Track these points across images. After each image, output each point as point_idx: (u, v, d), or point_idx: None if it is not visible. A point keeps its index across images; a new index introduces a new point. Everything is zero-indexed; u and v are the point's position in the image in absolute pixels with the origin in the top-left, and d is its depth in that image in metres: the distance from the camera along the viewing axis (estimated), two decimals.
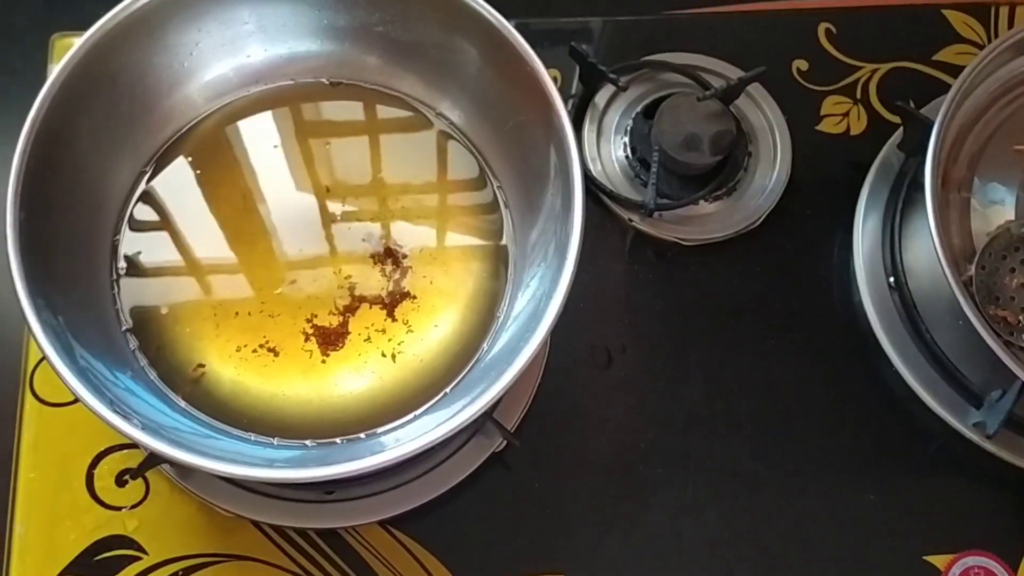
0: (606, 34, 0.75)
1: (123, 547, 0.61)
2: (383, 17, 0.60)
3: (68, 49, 0.66)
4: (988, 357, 0.59)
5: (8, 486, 0.62)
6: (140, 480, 0.62)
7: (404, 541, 0.62)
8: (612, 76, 0.69)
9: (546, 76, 0.54)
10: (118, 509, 0.61)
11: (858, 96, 0.75)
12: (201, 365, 0.56)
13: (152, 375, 0.57)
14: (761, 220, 0.70)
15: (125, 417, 0.49)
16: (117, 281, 0.58)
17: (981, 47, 0.77)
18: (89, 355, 0.52)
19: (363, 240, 0.59)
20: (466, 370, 0.57)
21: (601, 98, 0.73)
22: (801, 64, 0.76)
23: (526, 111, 0.57)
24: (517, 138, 0.59)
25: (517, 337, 0.54)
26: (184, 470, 0.60)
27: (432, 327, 0.58)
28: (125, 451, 0.63)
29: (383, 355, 0.57)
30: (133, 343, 0.57)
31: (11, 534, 0.61)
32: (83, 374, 0.49)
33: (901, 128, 0.71)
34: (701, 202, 0.70)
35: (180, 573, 0.60)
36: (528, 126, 0.57)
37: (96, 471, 0.62)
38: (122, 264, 0.59)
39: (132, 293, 0.58)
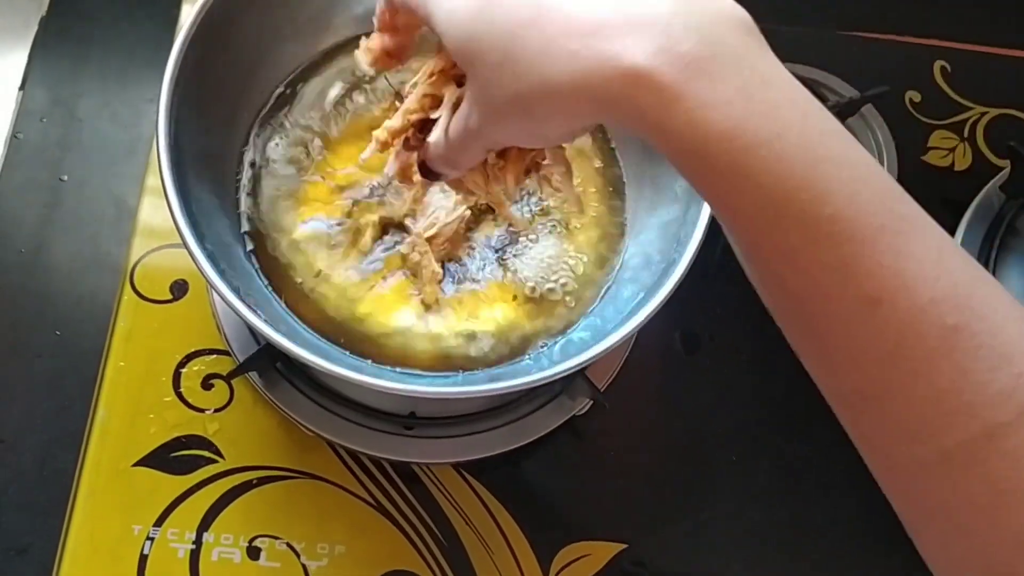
0: None
1: (201, 448, 0.61)
2: None
3: None
4: None
5: (97, 372, 0.62)
6: (225, 386, 0.63)
7: (477, 489, 0.62)
8: None
9: None
10: (201, 411, 0.62)
11: (965, 135, 0.76)
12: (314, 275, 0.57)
13: (263, 281, 0.57)
14: None
15: (251, 308, 0.49)
16: (239, 185, 0.59)
17: None
18: (213, 245, 0.53)
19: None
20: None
21: None
22: (914, 95, 0.77)
23: None
24: None
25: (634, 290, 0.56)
26: (270, 381, 0.61)
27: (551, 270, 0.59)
28: (214, 356, 0.63)
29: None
30: (249, 245, 0.58)
31: (93, 417, 0.61)
32: (211, 259, 0.50)
33: (1006, 171, 0.72)
34: None
35: (254, 481, 0.61)
36: None
37: (184, 371, 0.63)
38: (247, 170, 0.60)
39: (252, 200, 0.59)
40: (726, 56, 0.29)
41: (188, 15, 0.54)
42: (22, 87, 0.74)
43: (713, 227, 0.52)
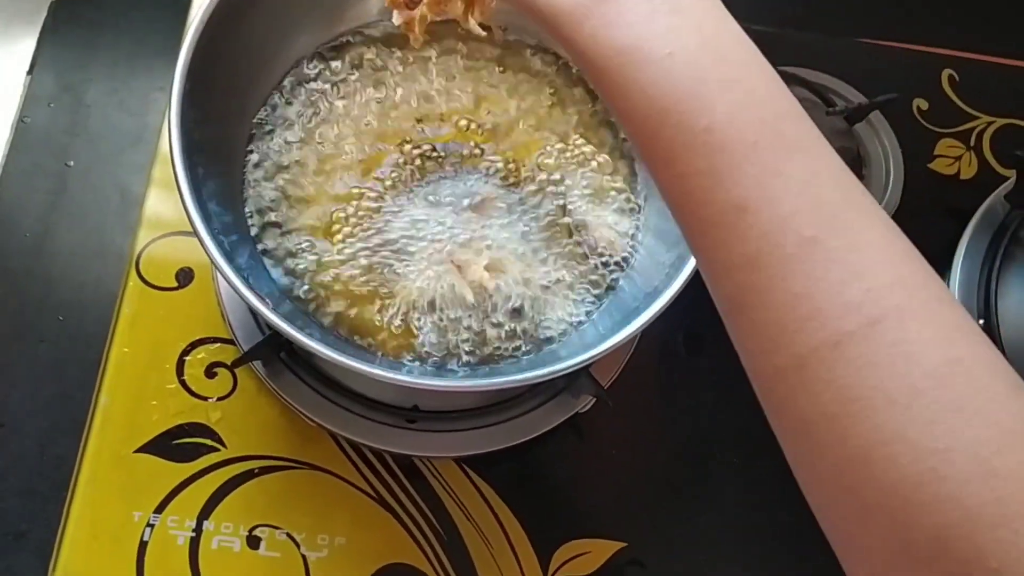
0: None
1: (203, 436, 0.61)
2: None
3: None
4: None
5: (100, 358, 0.62)
6: (229, 374, 0.63)
7: (477, 482, 0.62)
8: None
9: None
10: (204, 399, 0.62)
11: (972, 143, 0.77)
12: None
13: (268, 270, 0.57)
14: None
15: (258, 295, 0.49)
16: (246, 174, 0.59)
17: None
18: (220, 233, 0.53)
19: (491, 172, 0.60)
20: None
21: None
22: (922, 103, 0.77)
23: None
24: None
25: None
26: (274, 371, 0.61)
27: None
28: (219, 344, 0.63)
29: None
30: (255, 233, 0.58)
31: (96, 404, 0.61)
32: (220, 246, 0.50)
33: (1011, 180, 0.73)
34: None
35: (255, 471, 0.61)
36: None
37: (188, 359, 0.63)
38: (254, 160, 0.60)
39: (259, 190, 0.59)
40: None
41: (200, 4, 0.54)
42: (30, 72, 0.73)
43: None
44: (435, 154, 0.60)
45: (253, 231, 0.58)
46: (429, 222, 0.58)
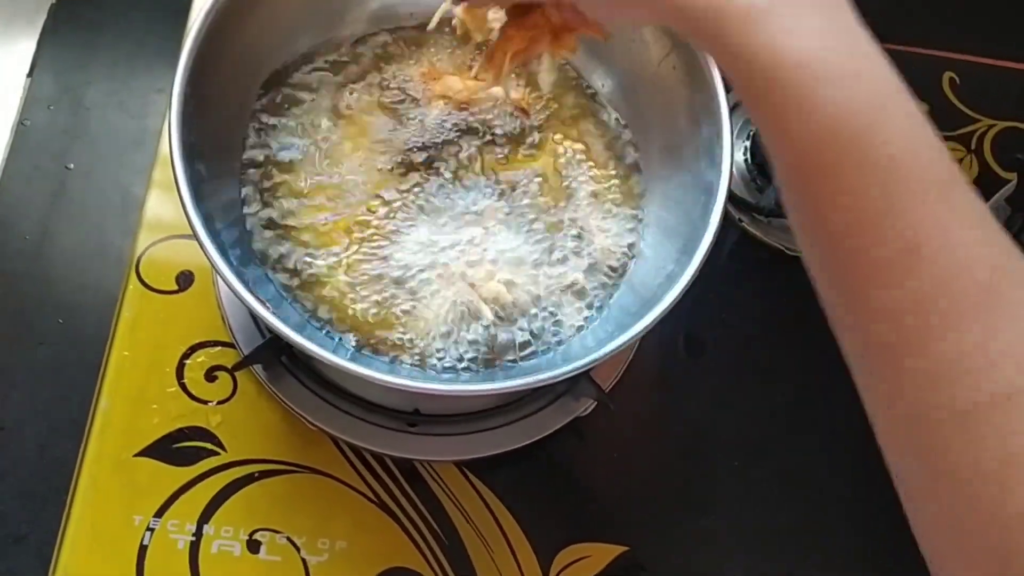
0: None
1: (203, 440, 0.61)
2: None
3: None
4: None
5: (100, 361, 0.62)
6: (229, 378, 0.63)
7: (478, 486, 0.62)
8: None
9: (715, 68, 0.56)
10: (204, 403, 0.62)
11: (973, 146, 0.76)
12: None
13: (269, 274, 0.57)
14: None
15: (259, 299, 0.49)
16: (245, 177, 0.59)
17: None
18: (221, 237, 0.53)
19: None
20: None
21: (729, 100, 0.73)
22: (922, 107, 0.77)
23: (680, 91, 0.58)
24: (669, 122, 0.60)
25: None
26: (275, 375, 0.61)
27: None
28: (219, 348, 0.63)
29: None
30: (255, 239, 0.58)
31: (96, 406, 0.61)
32: (221, 250, 0.50)
33: (1012, 183, 0.73)
34: None
35: (256, 475, 0.60)
36: (681, 112, 0.59)
37: (188, 362, 0.63)
38: (254, 162, 0.60)
39: (259, 192, 0.59)
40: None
41: (201, 6, 0.53)
42: (30, 74, 0.73)
43: (720, 234, 0.52)
44: (435, 155, 0.60)
45: (253, 235, 0.58)
46: (436, 242, 0.57)
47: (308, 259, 0.57)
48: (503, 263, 0.57)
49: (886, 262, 0.30)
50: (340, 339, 0.56)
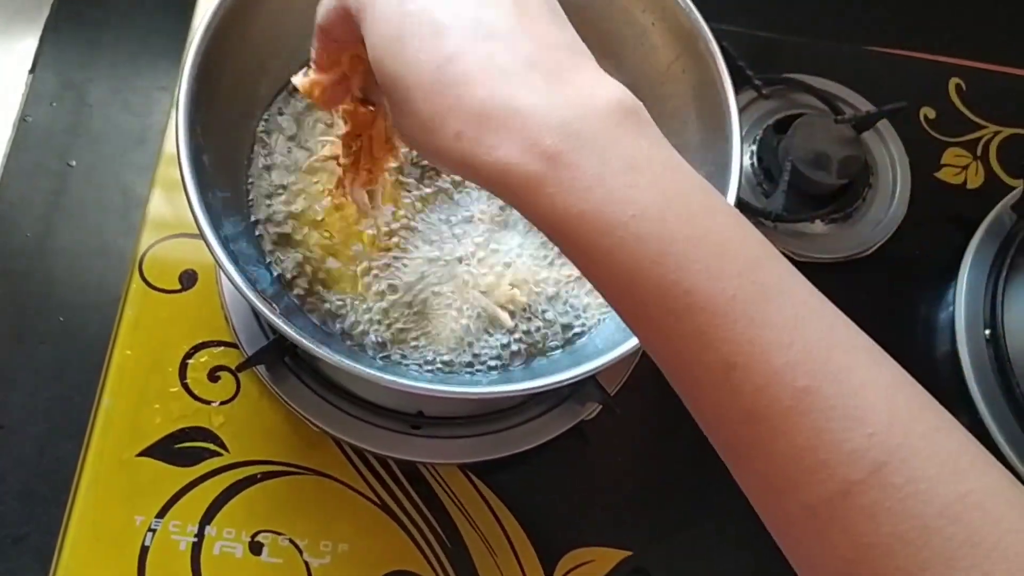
0: (752, 47, 0.76)
1: (205, 440, 0.60)
2: None
3: None
4: None
5: (103, 360, 0.62)
6: (232, 379, 0.62)
7: (482, 490, 0.62)
8: (757, 83, 0.71)
9: (725, 72, 0.55)
10: (207, 403, 0.61)
11: (979, 153, 0.76)
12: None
13: (273, 275, 0.57)
14: (871, 250, 0.71)
15: (265, 300, 0.49)
16: (250, 176, 0.59)
17: None
18: (226, 236, 0.53)
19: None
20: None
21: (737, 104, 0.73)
22: (929, 112, 0.77)
23: (689, 94, 0.58)
24: (679, 127, 0.59)
25: None
26: (278, 376, 0.60)
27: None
28: (222, 348, 0.63)
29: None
30: (261, 238, 0.57)
31: (98, 406, 0.61)
32: (226, 249, 0.49)
33: (1018, 190, 0.73)
34: (817, 221, 0.71)
35: (258, 476, 0.60)
36: (690, 116, 0.58)
37: (191, 362, 0.62)
38: (259, 161, 0.59)
39: (263, 192, 0.59)
40: (589, 146, 0.31)
41: (208, 4, 0.53)
42: (32, 70, 0.73)
43: None
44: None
45: (258, 233, 0.57)
46: (442, 253, 0.57)
47: (315, 270, 0.57)
48: (513, 266, 0.57)
49: (706, 379, 0.32)
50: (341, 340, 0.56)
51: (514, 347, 0.56)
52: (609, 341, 0.54)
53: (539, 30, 0.34)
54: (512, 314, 0.56)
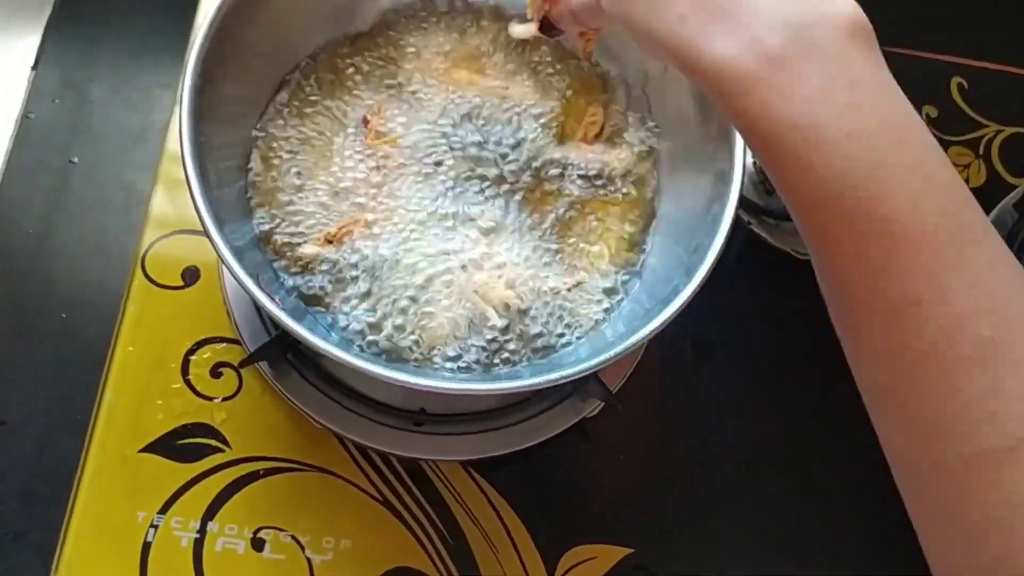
0: None
1: (207, 436, 0.60)
2: None
3: None
4: None
5: (105, 356, 0.62)
6: (234, 375, 0.62)
7: (484, 486, 0.62)
8: None
9: None
10: (209, 399, 0.61)
11: (981, 152, 0.76)
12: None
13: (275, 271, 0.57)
14: None
15: (269, 296, 0.49)
16: (251, 172, 0.59)
17: None
18: (230, 233, 0.53)
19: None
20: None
21: None
22: (931, 111, 0.77)
23: (696, 98, 0.58)
24: (681, 123, 0.59)
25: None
26: (280, 372, 0.60)
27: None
28: (224, 344, 0.63)
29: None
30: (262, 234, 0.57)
31: (100, 402, 0.61)
32: (229, 243, 0.49)
33: (1020, 189, 0.72)
34: None
35: (260, 472, 0.60)
36: (693, 114, 0.58)
37: (193, 358, 0.62)
38: (259, 159, 0.59)
39: (264, 189, 0.59)
40: (816, 55, 0.31)
41: (211, 2, 0.53)
42: (34, 67, 0.73)
43: (729, 236, 0.52)
44: (441, 158, 0.59)
45: (260, 229, 0.57)
46: (440, 251, 0.56)
47: (321, 274, 0.56)
48: (509, 268, 0.56)
49: (887, 313, 0.31)
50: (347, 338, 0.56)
51: (507, 347, 0.55)
52: (610, 341, 0.54)
53: None
54: (503, 313, 0.55)
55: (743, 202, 0.70)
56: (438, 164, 0.59)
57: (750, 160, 0.72)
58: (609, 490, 0.64)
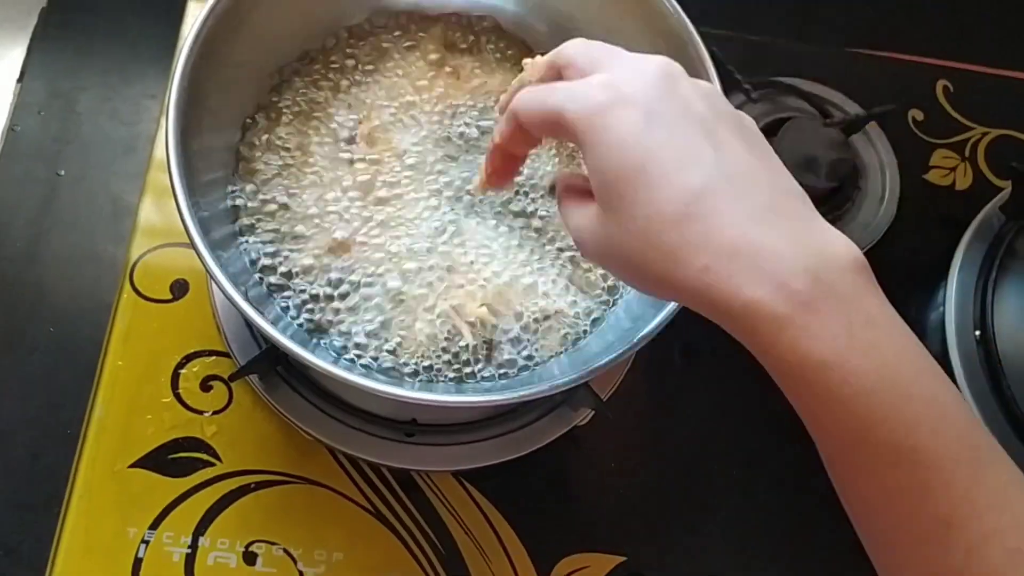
0: (741, 50, 0.76)
1: (198, 450, 0.60)
2: None
3: None
4: None
5: (95, 371, 0.62)
6: (224, 388, 0.62)
7: (476, 496, 0.62)
8: (747, 87, 0.71)
9: (715, 77, 0.56)
10: (199, 413, 0.61)
11: (967, 154, 0.77)
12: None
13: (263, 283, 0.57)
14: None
15: (258, 310, 0.49)
16: (237, 183, 0.58)
17: None
18: (217, 246, 0.53)
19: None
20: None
21: None
22: (917, 114, 0.77)
23: None
24: None
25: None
26: (271, 385, 0.60)
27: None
28: (214, 357, 0.63)
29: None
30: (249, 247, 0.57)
31: (90, 417, 0.61)
32: (217, 258, 0.49)
33: (1006, 191, 0.73)
34: None
35: (252, 485, 0.60)
36: None
37: (183, 372, 0.62)
38: (245, 170, 0.59)
39: (252, 201, 0.58)
40: (835, 296, 0.33)
41: (196, 13, 0.53)
42: (20, 79, 0.73)
43: None
44: (423, 171, 0.59)
45: (246, 241, 0.57)
46: (421, 265, 0.56)
47: (295, 275, 0.56)
48: (491, 281, 0.56)
49: (920, 535, 0.33)
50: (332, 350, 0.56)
51: (477, 367, 0.55)
52: (599, 349, 0.54)
53: (772, 174, 0.36)
54: (476, 332, 0.55)
55: None
56: (430, 172, 0.59)
57: None
58: (601, 498, 0.64)
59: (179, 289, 0.64)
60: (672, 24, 0.57)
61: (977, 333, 0.69)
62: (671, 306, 0.51)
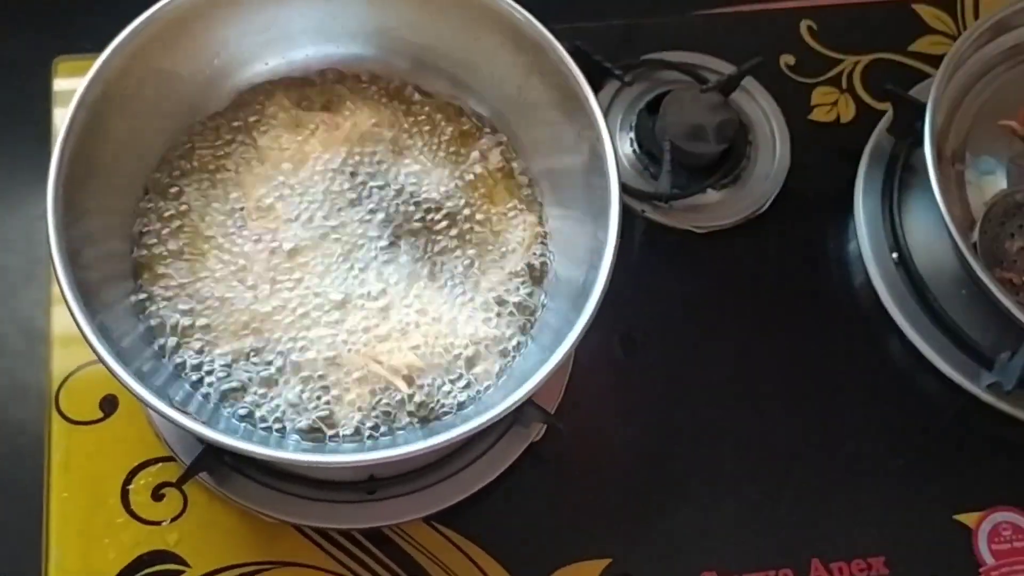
0: (601, 38, 0.77)
1: (165, 562, 0.59)
2: (400, 20, 0.62)
3: (72, 70, 0.67)
4: (995, 319, 0.62)
5: (41, 510, 0.60)
6: (177, 493, 0.61)
7: (451, 537, 0.61)
8: (617, 72, 0.72)
9: (580, 75, 0.56)
10: (157, 523, 0.60)
11: (844, 86, 0.78)
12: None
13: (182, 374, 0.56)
14: (767, 205, 0.73)
15: (184, 411, 0.48)
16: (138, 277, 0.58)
17: (952, 37, 0.81)
18: (131, 352, 0.52)
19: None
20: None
21: (604, 97, 0.74)
22: (788, 59, 0.79)
23: (556, 107, 0.59)
24: (549, 136, 0.60)
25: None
26: (222, 477, 0.60)
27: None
28: (159, 464, 0.62)
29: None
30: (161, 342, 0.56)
31: (47, 560, 0.59)
32: (136, 373, 0.49)
33: (889, 113, 0.75)
34: (709, 191, 0.72)
35: None
36: (558, 123, 0.59)
37: (131, 487, 0.61)
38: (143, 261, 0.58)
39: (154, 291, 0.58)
40: None
41: (62, 120, 0.52)
42: None
43: (626, 229, 0.52)
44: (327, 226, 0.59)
45: (159, 341, 0.56)
46: (338, 332, 0.56)
47: (216, 362, 0.56)
48: (411, 328, 0.56)
49: None
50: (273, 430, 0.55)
51: (409, 408, 0.56)
52: (534, 364, 0.54)
53: None
54: (410, 380, 0.55)
55: (631, 192, 0.71)
56: (323, 232, 0.59)
57: (628, 149, 0.73)
58: (574, 507, 0.64)
59: (108, 405, 0.63)
60: (527, 33, 0.58)
61: (894, 256, 0.71)
62: (592, 304, 0.51)
